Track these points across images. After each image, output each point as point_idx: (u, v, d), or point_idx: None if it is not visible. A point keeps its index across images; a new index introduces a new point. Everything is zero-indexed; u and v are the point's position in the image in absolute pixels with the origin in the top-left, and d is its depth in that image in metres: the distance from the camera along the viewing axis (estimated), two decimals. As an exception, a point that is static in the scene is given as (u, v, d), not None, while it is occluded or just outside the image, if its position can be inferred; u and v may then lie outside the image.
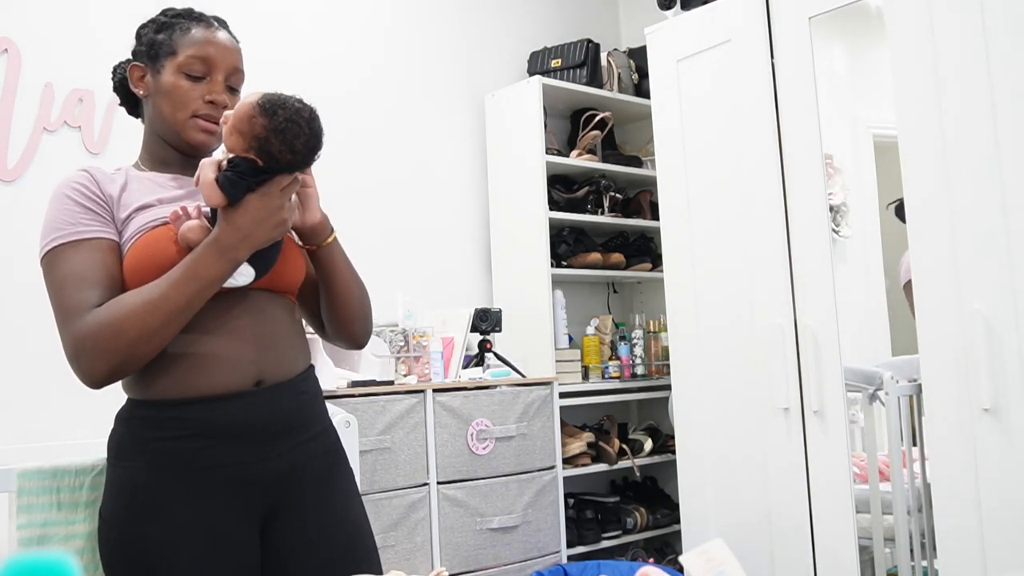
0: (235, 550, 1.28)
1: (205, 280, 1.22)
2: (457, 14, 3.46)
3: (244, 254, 1.24)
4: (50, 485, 1.39)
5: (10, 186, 2.39)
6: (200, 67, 1.37)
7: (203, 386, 1.27)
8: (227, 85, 1.40)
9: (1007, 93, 1.99)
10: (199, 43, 1.37)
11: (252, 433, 1.29)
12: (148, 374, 1.28)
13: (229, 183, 1.21)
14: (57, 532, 1.38)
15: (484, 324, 2.90)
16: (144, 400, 1.30)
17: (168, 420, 1.27)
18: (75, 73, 2.50)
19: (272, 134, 1.21)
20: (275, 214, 1.25)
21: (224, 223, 1.23)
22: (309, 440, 1.37)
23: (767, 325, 2.45)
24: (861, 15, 2.46)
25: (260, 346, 1.32)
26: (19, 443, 2.34)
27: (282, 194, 1.25)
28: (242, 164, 1.22)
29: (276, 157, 1.22)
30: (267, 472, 1.30)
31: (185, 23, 1.39)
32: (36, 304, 2.39)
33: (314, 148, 1.25)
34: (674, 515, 3.15)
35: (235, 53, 1.41)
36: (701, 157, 2.67)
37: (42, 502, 1.38)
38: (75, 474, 1.41)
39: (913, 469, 2.36)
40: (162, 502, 1.26)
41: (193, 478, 1.27)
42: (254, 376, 1.30)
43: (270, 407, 1.31)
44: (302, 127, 1.23)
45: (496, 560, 2.58)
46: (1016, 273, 1.96)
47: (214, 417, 1.27)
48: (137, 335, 1.20)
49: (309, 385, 1.41)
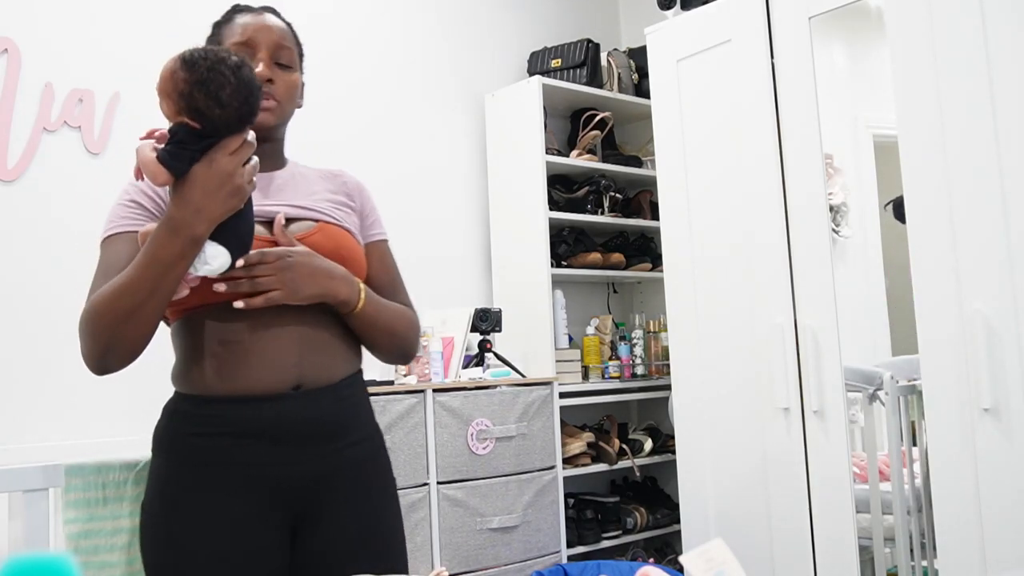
0: (258, 550, 1.27)
1: (164, 261, 1.16)
2: (457, 14, 3.46)
3: (202, 229, 1.15)
4: (96, 480, 1.42)
5: (10, 186, 2.39)
6: (243, 51, 1.35)
7: (240, 385, 1.27)
8: (276, 63, 1.38)
9: (1007, 93, 1.99)
10: (240, 30, 1.38)
11: (284, 436, 1.28)
12: (192, 368, 1.30)
13: (169, 156, 1.12)
14: (103, 527, 1.41)
15: (484, 324, 2.90)
16: (186, 394, 1.32)
17: (203, 416, 1.29)
18: (75, 73, 2.50)
19: (195, 87, 1.11)
20: (227, 181, 1.15)
21: (174, 199, 1.15)
22: (348, 446, 1.35)
23: (767, 325, 2.46)
24: (861, 15, 2.46)
25: (303, 349, 1.30)
26: (66, 439, 2.37)
27: (232, 158, 1.15)
28: (180, 132, 1.13)
29: (204, 113, 1.12)
30: (298, 476, 1.29)
31: (231, 16, 1.42)
32: (37, 304, 2.40)
33: (246, 99, 1.15)
34: (674, 515, 3.15)
35: (277, 31, 1.40)
36: (701, 157, 2.67)
37: (88, 497, 1.41)
38: (120, 469, 1.44)
39: (913, 469, 2.36)
40: (187, 495, 1.28)
41: (219, 475, 1.27)
42: (293, 379, 1.29)
43: (306, 411, 1.29)
44: (226, 76, 1.13)
45: (496, 560, 2.58)
46: (1016, 273, 1.96)
47: (246, 417, 1.27)
48: (112, 319, 1.20)
49: (354, 391, 1.38)
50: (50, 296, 2.41)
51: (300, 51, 1.47)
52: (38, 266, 2.41)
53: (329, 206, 1.40)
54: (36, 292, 2.40)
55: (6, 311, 2.36)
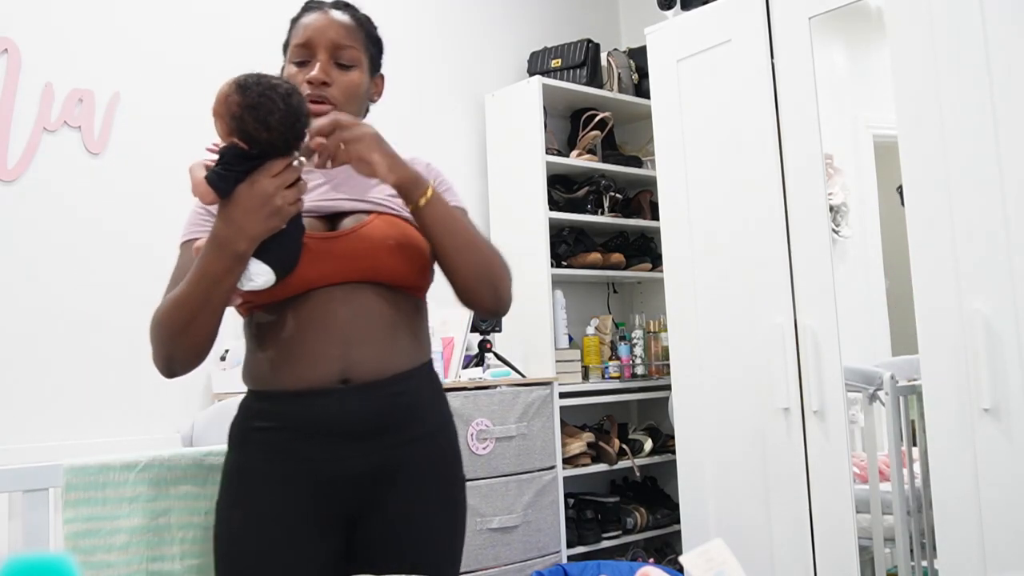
0: (309, 543, 1.29)
1: (212, 276, 1.21)
2: (457, 14, 3.46)
3: (244, 246, 1.20)
4: (96, 480, 1.42)
5: (10, 186, 2.39)
6: (302, 52, 1.37)
7: (290, 380, 1.29)
8: (337, 63, 1.37)
9: (1007, 93, 1.99)
10: (301, 31, 1.39)
11: (333, 431, 1.28)
12: (251, 363, 1.35)
13: (217, 177, 1.19)
14: (102, 527, 1.41)
15: (484, 324, 2.90)
16: (250, 390, 1.37)
17: (261, 410, 1.33)
18: (75, 73, 2.50)
19: (246, 111, 1.17)
20: (267, 202, 1.19)
21: (219, 217, 1.21)
22: (403, 443, 1.33)
23: (767, 325, 2.45)
24: (861, 15, 2.46)
25: (349, 343, 1.28)
26: (66, 440, 2.37)
27: (274, 181, 1.19)
28: (228, 153, 1.20)
29: (253, 135, 1.18)
30: (348, 471, 1.29)
31: (300, 15, 1.42)
32: (37, 304, 2.40)
33: (292, 125, 1.19)
34: (674, 515, 3.15)
35: (336, 30, 1.37)
36: (701, 157, 2.67)
37: (88, 497, 1.41)
38: (120, 470, 1.44)
39: (913, 469, 2.36)
40: (247, 487, 1.32)
41: (277, 468, 1.30)
42: (338, 373, 1.28)
43: (352, 406, 1.28)
44: (276, 102, 1.18)
45: (496, 560, 2.57)
46: (1016, 273, 1.96)
47: (298, 411, 1.29)
48: (170, 330, 1.26)
49: (411, 386, 1.35)
50: (50, 296, 2.41)
51: (370, 47, 1.44)
52: (38, 266, 2.41)
53: (388, 196, 1.39)
54: (36, 292, 2.40)
55: (6, 311, 2.36)
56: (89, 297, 2.47)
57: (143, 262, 2.53)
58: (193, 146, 2.70)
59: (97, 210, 2.51)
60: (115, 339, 2.49)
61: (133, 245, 2.55)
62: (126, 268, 2.52)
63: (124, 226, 2.55)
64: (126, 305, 2.50)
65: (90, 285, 2.48)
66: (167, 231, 2.66)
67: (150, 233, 2.56)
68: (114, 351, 2.48)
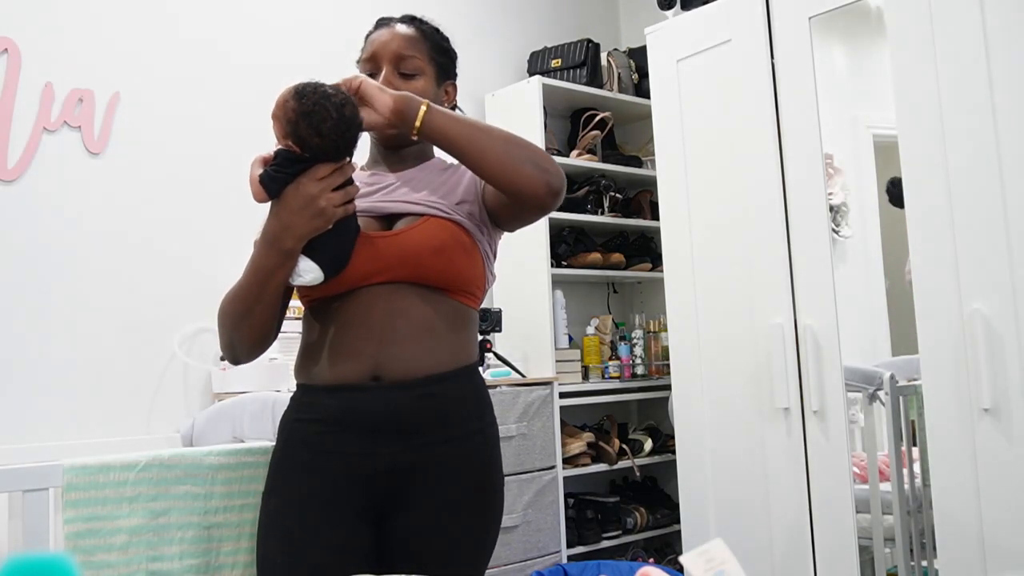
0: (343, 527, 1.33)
1: (263, 271, 1.29)
2: (457, 14, 3.46)
3: (292, 244, 1.27)
4: (95, 480, 1.43)
5: (10, 186, 2.39)
6: (369, 65, 1.47)
7: (326, 375, 1.35)
8: (400, 72, 1.46)
9: (1007, 93, 1.99)
10: (368, 46, 1.50)
11: (362, 426, 1.33)
12: (300, 357, 1.42)
13: (268, 178, 1.27)
14: (102, 526, 1.42)
15: (484, 324, 2.90)
16: (298, 384, 1.43)
17: (304, 403, 1.40)
18: (75, 73, 2.50)
19: (301, 117, 1.24)
20: (310, 203, 1.26)
21: (270, 214, 1.30)
22: (433, 444, 1.35)
23: (767, 325, 2.45)
24: (861, 15, 2.46)
25: (383, 341, 1.33)
26: (66, 440, 2.37)
27: (320, 183, 1.26)
28: (280, 155, 1.28)
29: (306, 140, 1.25)
30: (377, 467, 1.33)
31: (371, 32, 1.53)
32: (37, 304, 2.40)
33: (343, 133, 1.26)
34: (674, 515, 3.15)
35: (398, 42, 1.46)
36: (701, 157, 2.67)
37: (88, 497, 1.42)
38: (120, 470, 1.45)
39: (913, 469, 2.36)
40: (285, 475, 1.38)
41: (313, 459, 1.35)
42: (371, 370, 1.33)
43: (379, 404, 1.32)
44: (329, 111, 1.24)
45: (496, 560, 2.57)
46: (1016, 273, 1.96)
47: (331, 405, 1.34)
48: (232, 319, 1.34)
49: (445, 388, 1.36)
50: (50, 296, 2.41)
51: (437, 56, 1.52)
52: (38, 266, 2.41)
53: (438, 199, 1.41)
54: (36, 292, 2.40)
55: (6, 311, 2.35)
56: (89, 297, 2.47)
57: (143, 262, 2.53)
58: (193, 146, 2.72)
59: (97, 210, 2.51)
60: (115, 339, 2.49)
61: (133, 245, 2.55)
62: (126, 268, 2.52)
63: (124, 226, 2.54)
64: (126, 305, 2.50)
65: (90, 285, 2.48)
66: (167, 231, 2.68)
67: (150, 233, 2.56)
68: (114, 351, 2.48)
